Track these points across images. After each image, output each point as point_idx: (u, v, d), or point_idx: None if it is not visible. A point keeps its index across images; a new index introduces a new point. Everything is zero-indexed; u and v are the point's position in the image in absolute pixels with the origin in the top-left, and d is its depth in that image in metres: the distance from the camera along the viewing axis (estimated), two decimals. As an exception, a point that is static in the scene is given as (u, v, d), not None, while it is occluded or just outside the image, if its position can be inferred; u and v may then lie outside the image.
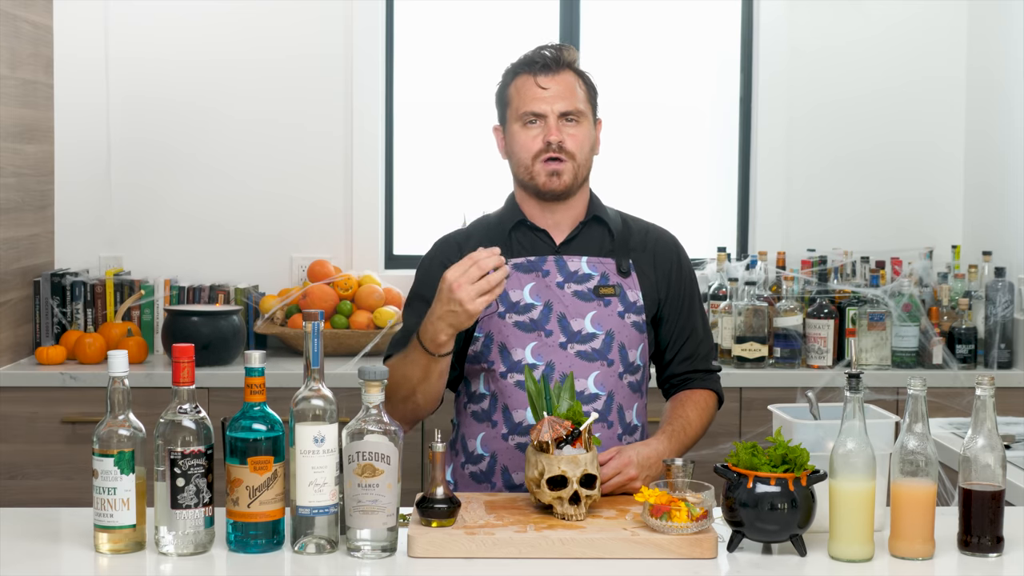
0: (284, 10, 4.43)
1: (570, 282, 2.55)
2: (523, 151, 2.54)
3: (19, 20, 4.04)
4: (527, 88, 2.54)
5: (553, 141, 2.50)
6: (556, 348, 2.52)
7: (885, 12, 4.54)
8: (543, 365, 2.50)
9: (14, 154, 4.01)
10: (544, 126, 2.52)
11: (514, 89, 2.56)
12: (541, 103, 2.52)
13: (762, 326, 4.10)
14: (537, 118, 2.53)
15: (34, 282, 4.18)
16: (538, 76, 2.54)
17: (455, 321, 2.34)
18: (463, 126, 4.58)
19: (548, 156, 2.51)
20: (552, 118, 2.52)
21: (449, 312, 2.33)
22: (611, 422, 2.53)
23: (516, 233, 2.60)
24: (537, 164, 2.52)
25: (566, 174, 2.52)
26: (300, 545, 2.08)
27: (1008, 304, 4.09)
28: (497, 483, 2.54)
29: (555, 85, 2.53)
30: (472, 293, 2.31)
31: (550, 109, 2.52)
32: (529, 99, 2.53)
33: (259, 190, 4.45)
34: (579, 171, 2.54)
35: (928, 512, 2.07)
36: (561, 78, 2.54)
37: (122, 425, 2.08)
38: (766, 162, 4.55)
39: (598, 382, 2.52)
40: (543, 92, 2.53)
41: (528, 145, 2.53)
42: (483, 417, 2.56)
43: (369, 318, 4.21)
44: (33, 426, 3.87)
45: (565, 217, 2.59)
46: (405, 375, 2.46)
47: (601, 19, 4.60)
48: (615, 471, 2.38)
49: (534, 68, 2.54)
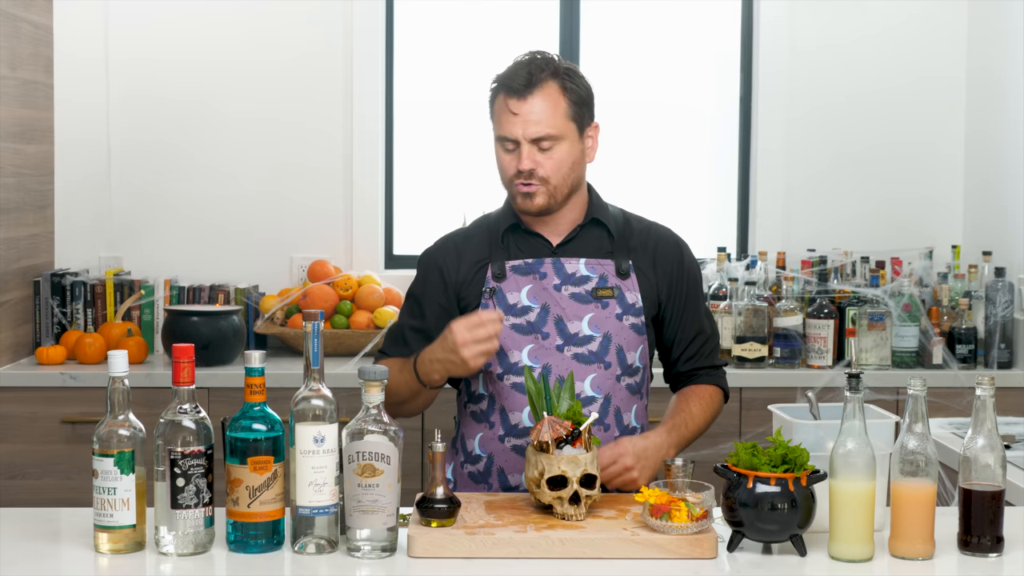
0: (284, 10, 4.43)
1: (567, 284, 2.55)
2: (502, 173, 2.54)
3: (19, 20, 4.04)
4: (501, 111, 2.50)
5: (524, 170, 2.47)
6: (553, 351, 2.52)
7: (885, 12, 4.54)
8: (540, 368, 2.50)
9: (14, 154, 4.01)
10: (516, 152, 2.48)
11: (496, 107, 2.53)
12: (513, 128, 2.47)
13: (762, 326, 4.09)
14: (511, 143, 2.49)
15: (34, 282, 4.18)
16: (509, 100, 2.48)
17: (452, 369, 2.42)
18: (463, 126, 4.58)
19: (520, 181, 2.49)
20: (525, 145, 2.47)
21: (449, 361, 2.40)
22: (608, 425, 2.53)
23: (513, 236, 2.60)
24: (514, 186, 2.51)
25: (539, 196, 2.50)
26: (300, 545, 2.08)
27: (1008, 304, 4.09)
28: (494, 484, 2.55)
29: (526, 108, 2.46)
30: (474, 352, 2.37)
31: (522, 135, 2.47)
32: (502, 123, 2.49)
33: (259, 190, 4.45)
34: (556, 191, 2.50)
35: (928, 512, 2.07)
36: (534, 100, 2.46)
37: (122, 425, 2.08)
38: (766, 162, 4.55)
39: (595, 385, 2.52)
40: (514, 118, 2.47)
41: (505, 168, 2.52)
42: (481, 418, 2.56)
43: (369, 318, 4.21)
44: (33, 426, 3.87)
45: (559, 222, 2.58)
46: (395, 390, 2.50)
47: (601, 19, 4.60)
48: (610, 460, 2.39)
49: (508, 89, 2.48)
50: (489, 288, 2.54)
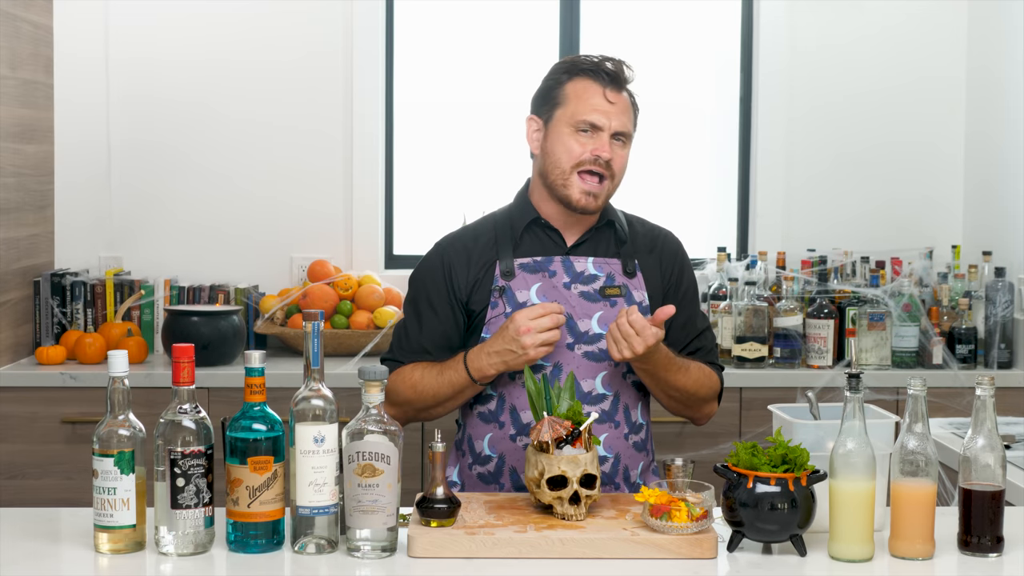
0: (284, 10, 4.43)
1: (576, 283, 2.55)
2: (567, 156, 2.50)
3: (19, 20, 4.04)
4: (591, 96, 2.49)
5: (603, 157, 2.48)
6: (563, 349, 2.52)
7: (885, 12, 4.54)
8: (551, 366, 2.51)
9: (14, 154, 4.01)
10: (597, 139, 2.49)
11: (573, 91, 2.51)
12: (604, 116, 2.48)
13: (762, 326, 4.09)
14: (593, 129, 2.49)
15: (34, 282, 4.18)
16: (607, 88, 2.50)
17: (510, 360, 2.41)
18: (463, 126, 4.58)
19: (590, 170, 2.49)
20: (607, 134, 2.49)
21: (508, 351, 2.41)
22: (618, 422, 2.53)
23: (527, 232, 2.58)
24: (574, 175, 2.49)
25: (602, 196, 2.51)
26: (300, 545, 2.08)
27: (1008, 304, 4.09)
28: (506, 484, 2.55)
29: (620, 102, 2.51)
30: (537, 341, 2.38)
31: (609, 125, 2.48)
32: (591, 108, 2.49)
33: (259, 190, 4.45)
34: (610, 192, 2.54)
35: (928, 512, 2.07)
36: (624, 96, 2.52)
37: (122, 425, 2.08)
38: (766, 162, 4.55)
39: (605, 382, 2.53)
40: (609, 106, 2.49)
41: (575, 152, 2.49)
42: (490, 418, 2.56)
43: (369, 318, 4.21)
44: (33, 426, 3.87)
45: (582, 224, 2.59)
46: (436, 392, 2.51)
47: (601, 19, 4.60)
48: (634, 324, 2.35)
49: (601, 78, 2.50)
50: (499, 287, 2.54)
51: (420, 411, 2.56)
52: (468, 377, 2.47)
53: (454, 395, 2.52)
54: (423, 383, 2.52)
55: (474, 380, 2.47)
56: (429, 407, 2.55)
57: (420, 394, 2.52)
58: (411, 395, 2.53)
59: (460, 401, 2.54)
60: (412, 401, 2.54)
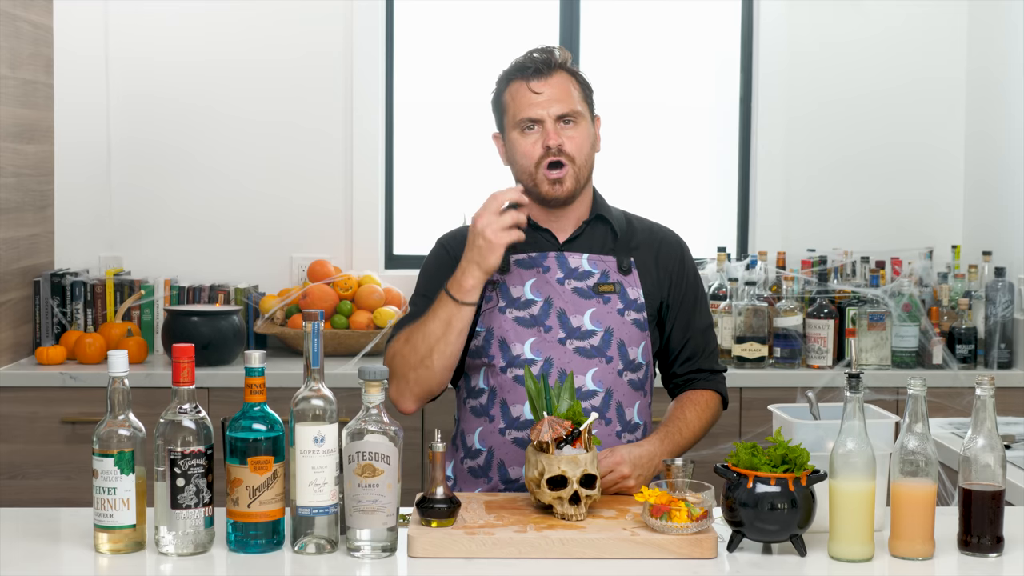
0: (284, 10, 4.43)
1: (570, 279, 2.56)
2: (524, 158, 2.54)
3: (19, 20, 4.04)
4: (521, 94, 2.53)
5: (552, 145, 2.50)
6: (555, 344, 2.52)
7: (885, 12, 4.54)
8: (542, 361, 2.51)
9: (14, 154, 4.01)
10: (542, 131, 2.52)
11: (509, 96, 2.56)
12: (536, 108, 2.51)
13: (762, 326, 4.10)
14: (534, 123, 2.52)
15: (34, 282, 4.18)
16: (531, 81, 2.53)
17: (480, 259, 2.41)
18: (463, 126, 4.58)
19: (549, 161, 2.51)
20: (549, 122, 2.51)
21: (474, 249, 2.41)
22: (609, 419, 2.53)
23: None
24: (540, 171, 2.52)
25: (568, 180, 2.52)
26: (300, 545, 2.08)
27: (1008, 304, 4.09)
28: (494, 478, 2.55)
29: (548, 88, 2.52)
30: (496, 226, 2.39)
31: (546, 113, 2.51)
32: (524, 105, 2.52)
33: (259, 190, 4.45)
34: (580, 173, 2.54)
35: (928, 512, 2.07)
36: (554, 80, 2.53)
37: (122, 425, 2.08)
38: (766, 162, 4.55)
39: (596, 379, 2.53)
40: (537, 97, 2.52)
41: (528, 152, 2.52)
42: (481, 412, 2.56)
43: (369, 318, 4.21)
44: (33, 426, 3.87)
45: (568, 218, 2.61)
46: (425, 333, 2.46)
47: (601, 19, 4.60)
48: (607, 469, 2.39)
49: (526, 73, 2.53)
50: (493, 280, 2.55)
51: (419, 367, 2.47)
52: (449, 298, 2.44)
53: (444, 329, 2.45)
54: (415, 334, 2.48)
55: (454, 299, 2.43)
56: (424, 357, 2.46)
57: (414, 345, 2.47)
58: (407, 351, 2.48)
59: (453, 338, 2.46)
60: (408, 357, 2.47)
